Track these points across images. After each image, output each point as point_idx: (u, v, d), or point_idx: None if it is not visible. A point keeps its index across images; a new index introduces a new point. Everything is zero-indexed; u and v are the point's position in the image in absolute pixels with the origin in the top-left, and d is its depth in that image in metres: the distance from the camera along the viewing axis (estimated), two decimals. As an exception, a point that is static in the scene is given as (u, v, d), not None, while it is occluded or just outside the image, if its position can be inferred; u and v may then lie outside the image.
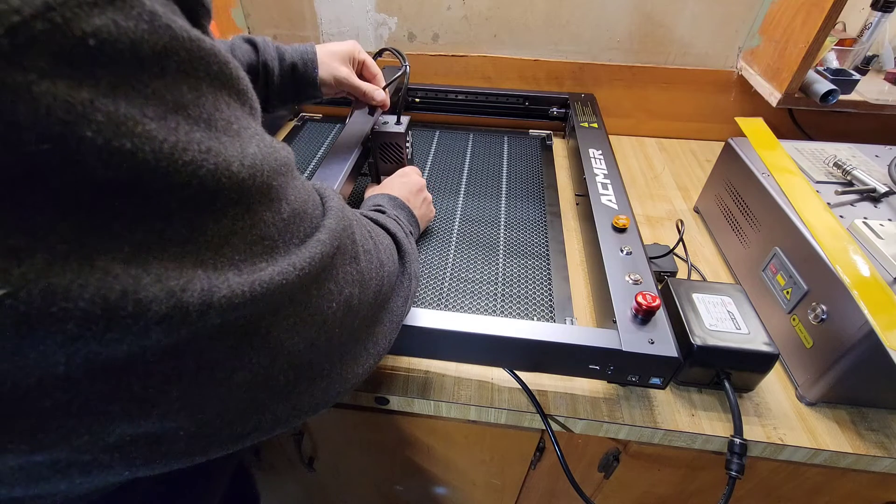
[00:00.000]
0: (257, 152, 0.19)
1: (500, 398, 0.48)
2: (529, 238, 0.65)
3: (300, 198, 0.23)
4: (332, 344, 0.25)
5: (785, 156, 0.59)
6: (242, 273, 0.18)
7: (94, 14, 0.13)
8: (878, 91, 0.74)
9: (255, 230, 0.19)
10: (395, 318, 0.33)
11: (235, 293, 0.18)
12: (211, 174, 0.16)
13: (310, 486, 0.81)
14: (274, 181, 0.20)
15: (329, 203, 0.26)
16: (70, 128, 0.13)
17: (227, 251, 0.18)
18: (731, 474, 0.42)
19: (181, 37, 0.16)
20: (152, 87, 0.15)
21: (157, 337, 0.16)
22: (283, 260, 0.20)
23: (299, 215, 0.22)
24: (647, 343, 0.41)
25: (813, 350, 0.46)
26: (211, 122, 0.17)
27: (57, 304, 0.14)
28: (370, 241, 0.31)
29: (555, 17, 0.83)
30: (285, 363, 0.22)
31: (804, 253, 0.48)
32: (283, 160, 0.21)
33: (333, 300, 0.24)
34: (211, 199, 0.17)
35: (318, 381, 0.25)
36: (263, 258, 0.19)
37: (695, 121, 0.91)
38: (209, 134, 0.17)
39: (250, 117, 0.20)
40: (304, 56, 0.55)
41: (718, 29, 0.82)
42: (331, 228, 0.24)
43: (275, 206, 0.20)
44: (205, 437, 0.20)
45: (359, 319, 0.28)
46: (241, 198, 0.18)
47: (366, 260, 0.28)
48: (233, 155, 0.18)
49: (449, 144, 0.86)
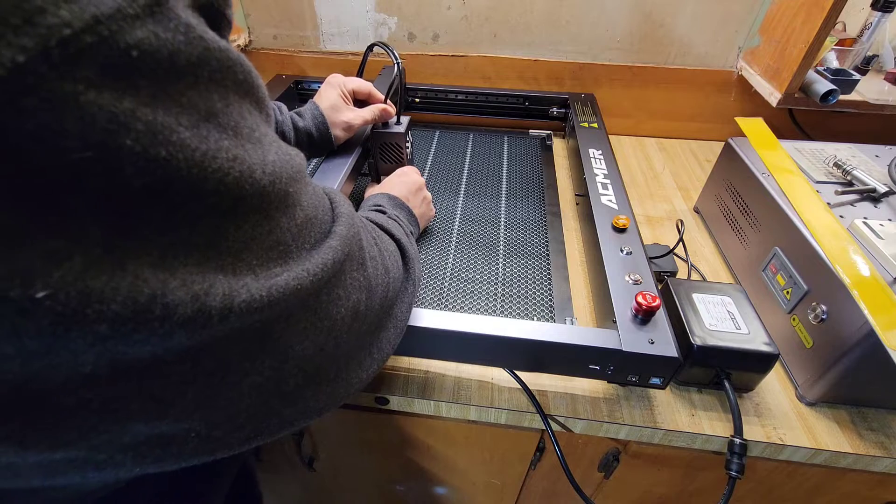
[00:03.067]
0: (276, 159, 0.20)
1: (500, 398, 0.48)
2: (529, 238, 0.65)
3: (312, 203, 0.23)
4: (339, 349, 0.25)
5: (785, 156, 0.59)
6: (259, 278, 0.19)
7: (137, 27, 0.14)
8: (878, 91, 0.74)
9: (272, 236, 0.19)
10: (398, 324, 0.34)
11: (254, 297, 0.18)
12: (236, 181, 0.17)
13: (310, 486, 0.81)
14: (290, 188, 0.20)
15: (339, 209, 0.26)
16: (112, 136, 0.13)
17: (245, 256, 0.18)
18: (731, 474, 0.42)
19: (213, 47, 0.16)
20: (187, 97, 0.16)
21: (179, 339, 0.16)
22: (297, 266, 0.21)
23: (312, 221, 0.23)
24: (647, 343, 0.41)
25: (813, 350, 0.46)
26: (237, 130, 0.18)
27: (91, 307, 0.14)
28: (375, 247, 0.31)
29: (555, 17, 0.83)
30: (295, 367, 0.22)
31: (804, 253, 0.48)
32: (297, 167, 0.22)
33: (342, 306, 0.24)
34: (234, 206, 0.17)
35: (325, 385, 0.25)
36: (278, 263, 0.20)
37: (695, 121, 0.91)
38: (236, 142, 0.17)
39: (267, 124, 0.21)
40: (315, 120, 0.58)
41: (718, 29, 0.82)
42: (342, 235, 0.24)
43: (290, 212, 0.21)
44: (214, 439, 0.21)
45: (366, 325, 0.28)
46: (262, 204, 0.19)
47: (372, 266, 0.29)
48: (255, 162, 0.18)
49: (449, 144, 0.86)
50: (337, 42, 0.91)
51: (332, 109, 0.59)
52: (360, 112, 0.61)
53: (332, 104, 0.59)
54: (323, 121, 0.58)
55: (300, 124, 0.58)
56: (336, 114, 0.59)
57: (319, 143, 0.59)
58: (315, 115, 0.58)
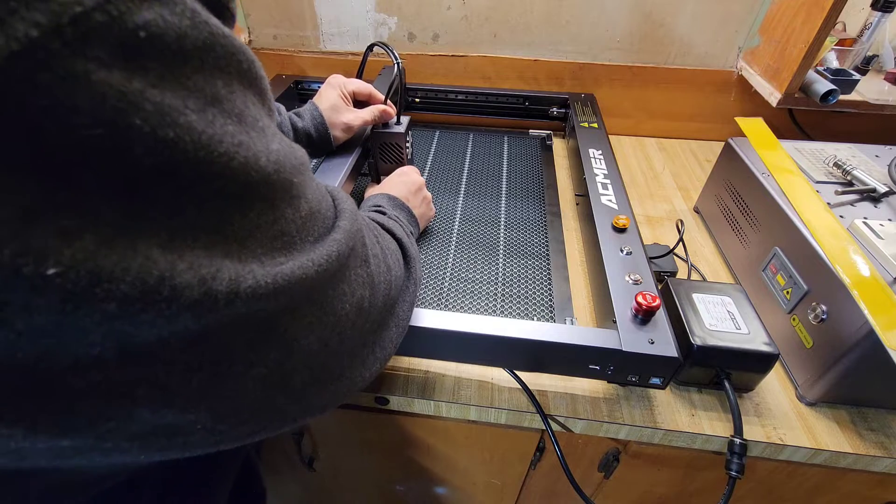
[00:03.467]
0: (280, 149, 0.20)
1: (500, 398, 0.48)
2: (529, 238, 0.65)
3: (316, 197, 0.23)
4: (343, 345, 0.25)
5: (785, 156, 0.59)
6: (265, 266, 0.19)
7: (144, 8, 0.14)
8: (878, 91, 0.74)
9: (277, 225, 0.20)
10: (401, 323, 0.34)
11: (260, 284, 0.18)
12: (242, 167, 0.17)
13: (310, 486, 0.81)
14: (295, 178, 0.21)
15: (342, 205, 0.27)
16: (122, 115, 0.14)
17: (250, 244, 0.18)
18: (731, 474, 0.42)
19: (217, 33, 0.17)
20: (193, 80, 0.16)
21: (185, 323, 0.17)
22: (302, 256, 0.21)
23: (315, 214, 0.23)
24: (647, 343, 0.41)
25: (813, 350, 0.46)
26: (241, 118, 0.18)
27: (101, 286, 0.14)
28: (377, 245, 0.31)
29: (555, 16, 0.83)
30: (300, 362, 0.22)
31: (804, 253, 0.48)
32: (301, 159, 0.22)
33: (347, 301, 0.25)
34: (240, 192, 0.18)
35: (329, 383, 0.25)
36: (283, 253, 0.20)
37: (695, 121, 0.91)
38: (240, 128, 0.18)
39: (270, 118, 0.21)
40: (314, 121, 0.59)
41: (718, 29, 0.82)
42: (346, 229, 0.25)
43: (295, 203, 0.21)
44: (219, 431, 0.21)
45: (369, 323, 0.28)
46: (267, 193, 0.19)
47: (375, 263, 0.29)
48: (260, 150, 0.18)
49: (449, 144, 0.86)
50: (337, 42, 0.91)
51: (332, 110, 0.59)
52: (359, 113, 0.61)
53: (331, 105, 0.59)
54: (322, 121, 0.59)
55: (299, 125, 0.58)
56: (335, 115, 0.59)
57: (318, 143, 0.59)
58: (314, 116, 0.59)
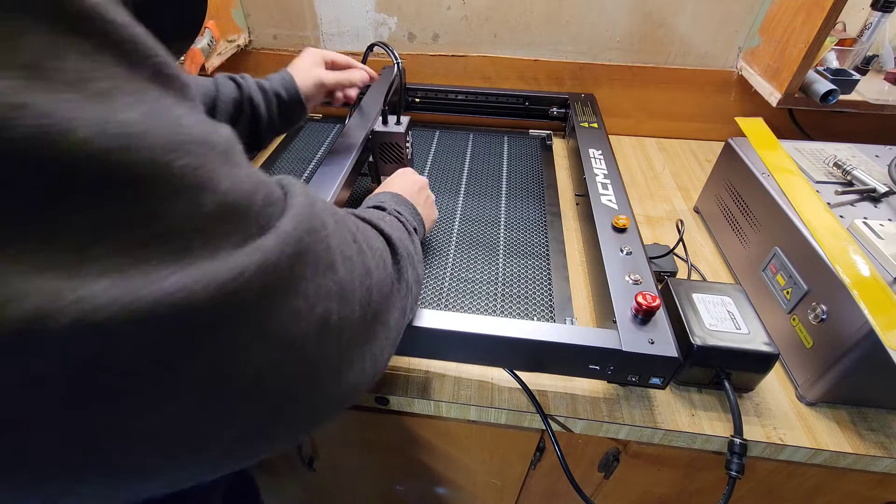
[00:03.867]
0: (143, 121, 0.15)
1: (500, 398, 0.48)
2: (529, 238, 0.65)
3: (242, 190, 0.18)
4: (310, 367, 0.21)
5: (785, 156, 0.59)
6: (132, 279, 0.14)
7: None
8: (878, 91, 0.74)
9: (153, 225, 0.15)
10: (391, 335, 0.30)
11: (129, 303, 0.14)
12: (50, 144, 0.13)
13: (310, 486, 0.81)
14: (181, 161, 0.16)
15: (293, 200, 0.21)
16: None
17: (95, 251, 0.14)
18: (731, 474, 0.42)
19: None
20: None
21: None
22: (208, 264, 0.16)
23: (234, 213, 0.18)
24: (647, 343, 0.41)
25: (813, 350, 0.46)
26: (41, 74, 0.13)
27: None
28: (353, 245, 0.27)
29: (555, 16, 0.83)
30: (243, 392, 0.18)
31: (804, 253, 0.48)
32: (214, 139, 0.17)
33: (303, 319, 0.20)
34: (57, 179, 0.13)
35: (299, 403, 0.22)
36: (166, 262, 0.15)
37: (695, 121, 0.91)
38: (46, 90, 0.13)
39: (134, 78, 0.16)
40: (283, 81, 0.57)
41: (718, 29, 0.82)
42: (284, 233, 0.19)
43: (189, 195, 0.16)
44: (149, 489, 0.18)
45: (345, 339, 0.24)
46: (105, 178, 0.14)
47: (345, 269, 0.24)
48: (88, 119, 0.13)
49: (449, 144, 0.86)
50: (337, 42, 0.91)
51: (302, 70, 0.58)
52: (334, 73, 0.60)
53: (301, 66, 0.58)
54: (291, 81, 0.57)
55: (266, 86, 0.56)
56: (306, 72, 0.58)
57: (290, 104, 0.58)
58: (283, 77, 0.57)
